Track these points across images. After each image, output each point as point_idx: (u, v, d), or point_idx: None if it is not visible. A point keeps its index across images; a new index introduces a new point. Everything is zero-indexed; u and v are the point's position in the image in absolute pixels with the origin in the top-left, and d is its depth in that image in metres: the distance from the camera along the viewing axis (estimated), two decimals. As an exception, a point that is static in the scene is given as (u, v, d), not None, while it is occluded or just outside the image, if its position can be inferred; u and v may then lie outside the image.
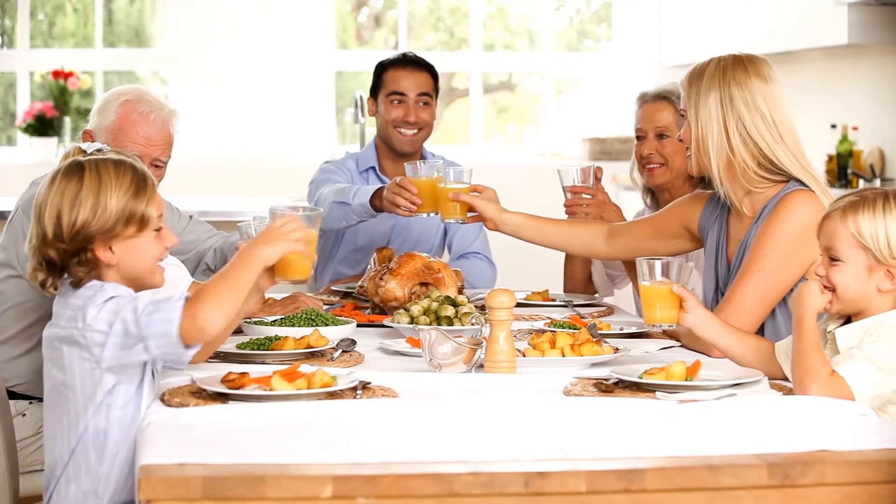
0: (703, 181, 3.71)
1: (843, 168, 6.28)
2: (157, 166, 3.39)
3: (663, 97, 3.74)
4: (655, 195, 3.83)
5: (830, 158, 6.39)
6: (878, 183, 5.69)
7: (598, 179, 3.63)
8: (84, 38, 7.86)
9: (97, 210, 2.35)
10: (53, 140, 7.38)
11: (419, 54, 4.24)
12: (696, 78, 2.97)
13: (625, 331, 3.08)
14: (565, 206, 3.62)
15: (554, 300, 3.64)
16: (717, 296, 3.06)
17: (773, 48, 6.56)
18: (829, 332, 2.50)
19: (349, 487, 1.87)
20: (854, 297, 2.45)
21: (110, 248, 2.37)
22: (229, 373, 2.34)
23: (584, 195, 3.60)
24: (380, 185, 3.73)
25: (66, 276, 2.39)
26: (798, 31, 6.28)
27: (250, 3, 7.57)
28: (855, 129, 6.33)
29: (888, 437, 2.12)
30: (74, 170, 2.39)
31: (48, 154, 7.32)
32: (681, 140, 3.06)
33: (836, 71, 6.63)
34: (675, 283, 2.65)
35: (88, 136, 3.39)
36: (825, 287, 2.46)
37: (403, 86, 4.15)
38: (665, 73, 7.82)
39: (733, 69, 2.94)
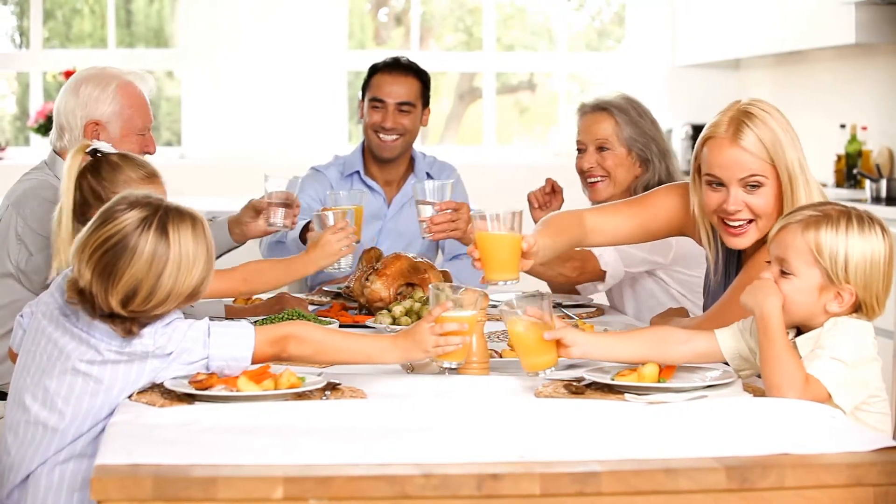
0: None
1: (851, 168, 6.25)
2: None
3: (602, 108, 3.66)
4: None
5: (839, 158, 6.35)
6: (884, 183, 5.64)
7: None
8: (101, 39, 7.89)
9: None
10: (65, 140, 7.40)
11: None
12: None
13: (607, 331, 3.05)
14: (432, 223, 3.36)
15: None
16: None
17: (782, 48, 6.54)
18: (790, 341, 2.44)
19: (301, 489, 1.87)
20: (798, 311, 2.39)
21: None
22: (197, 373, 2.34)
23: (447, 210, 3.37)
24: (307, 220, 3.77)
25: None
26: (806, 31, 6.25)
27: (264, 3, 7.58)
28: (864, 128, 6.29)
29: (854, 441, 2.09)
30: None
31: (59, 154, 7.34)
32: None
33: (844, 71, 6.59)
34: (545, 321, 2.46)
35: (94, 126, 3.39)
36: None
37: (384, 91, 4.15)
38: (678, 74, 7.81)
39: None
